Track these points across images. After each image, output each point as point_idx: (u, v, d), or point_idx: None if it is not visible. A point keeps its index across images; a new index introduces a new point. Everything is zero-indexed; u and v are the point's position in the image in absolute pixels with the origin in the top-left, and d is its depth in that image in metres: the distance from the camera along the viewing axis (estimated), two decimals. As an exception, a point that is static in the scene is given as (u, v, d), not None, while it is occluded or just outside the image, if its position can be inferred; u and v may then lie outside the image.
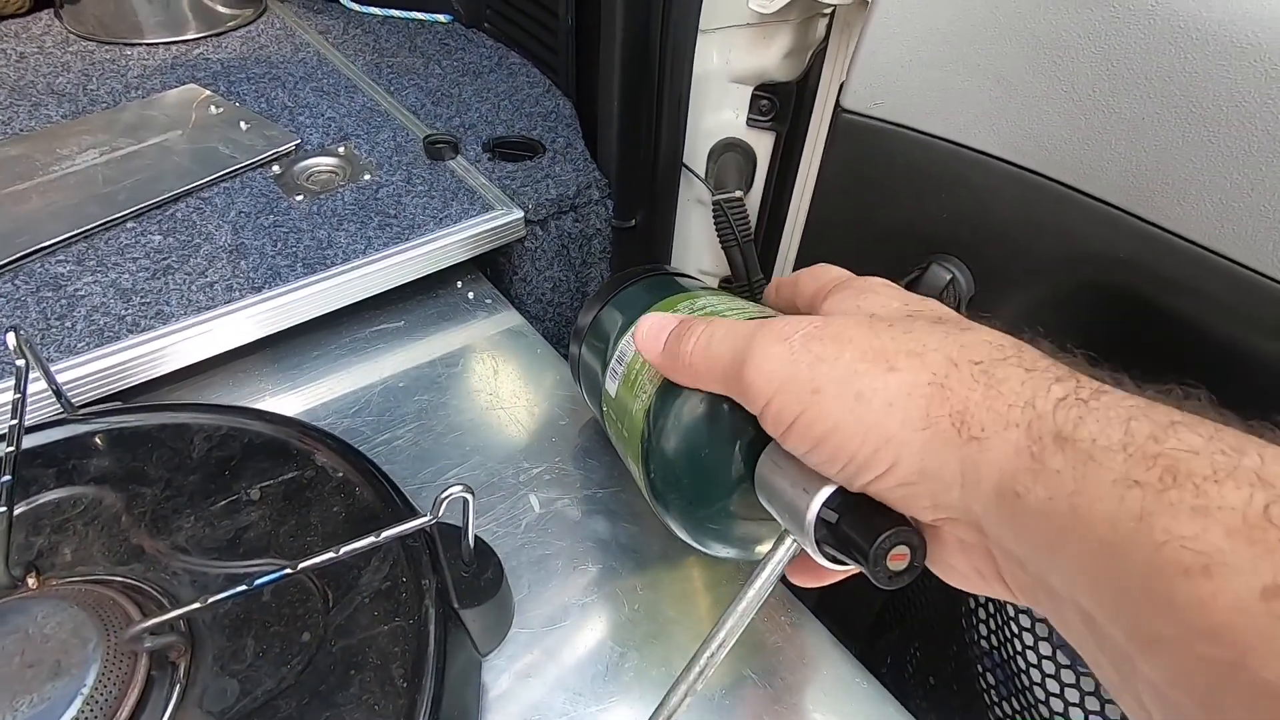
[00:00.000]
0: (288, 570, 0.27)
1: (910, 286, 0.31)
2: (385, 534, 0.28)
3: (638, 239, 0.62)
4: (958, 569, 0.21)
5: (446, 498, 0.28)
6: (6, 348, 0.40)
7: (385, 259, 0.49)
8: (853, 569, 0.25)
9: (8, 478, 0.30)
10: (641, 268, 0.41)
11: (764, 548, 0.29)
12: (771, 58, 0.53)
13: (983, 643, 0.35)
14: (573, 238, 0.59)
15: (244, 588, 0.26)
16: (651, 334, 0.26)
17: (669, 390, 0.27)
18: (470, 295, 0.55)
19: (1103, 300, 0.28)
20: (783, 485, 0.24)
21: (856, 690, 0.34)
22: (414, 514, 0.33)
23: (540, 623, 0.36)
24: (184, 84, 0.66)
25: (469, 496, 0.29)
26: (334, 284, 0.47)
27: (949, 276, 0.30)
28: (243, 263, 0.47)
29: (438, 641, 0.28)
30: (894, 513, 0.21)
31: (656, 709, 0.24)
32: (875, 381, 0.20)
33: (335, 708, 0.27)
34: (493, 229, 0.53)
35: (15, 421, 0.32)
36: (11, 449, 0.31)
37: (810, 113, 0.53)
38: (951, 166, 0.29)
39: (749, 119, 0.56)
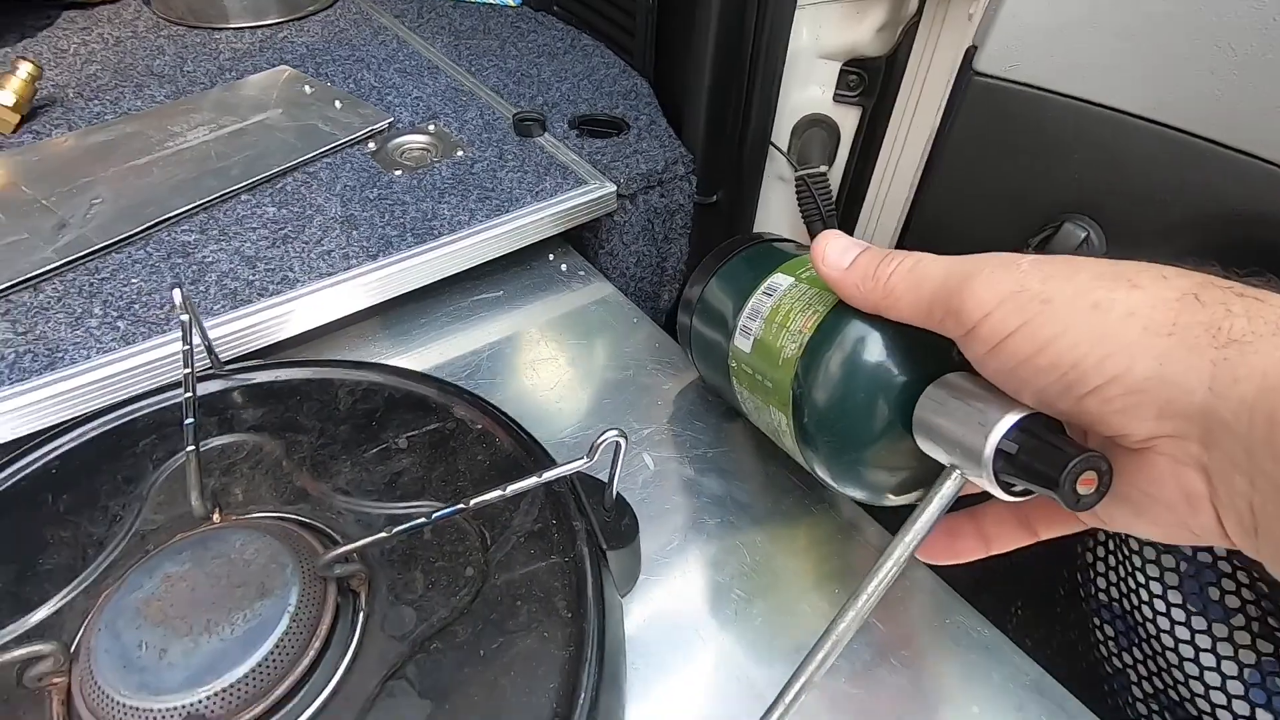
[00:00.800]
0: (461, 506, 0.28)
1: (1042, 245, 0.32)
2: (546, 475, 0.29)
3: (719, 215, 0.63)
4: (1160, 497, 0.21)
5: (602, 442, 0.30)
6: (165, 308, 0.42)
7: (488, 230, 0.51)
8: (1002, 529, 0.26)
9: (190, 420, 0.32)
10: (755, 235, 0.42)
11: (906, 497, 0.30)
12: (863, 33, 0.53)
13: (1101, 595, 0.36)
14: (658, 213, 0.60)
15: (423, 520, 0.28)
16: (836, 251, 0.27)
17: (826, 336, 0.28)
18: (563, 267, 0.56)
19: (1244, 255, 0.28)
20: (948, 424, 0.25)
21: (977, 638, 0.35)
22: (552, 462, 0.35)
23: (666, 570, 0.37)
24: (274, 65, 0.68)
25: (622, 441, 0.30)
26: (442, 253, 0.49)
27: (1083, 234, 0.31)
28: (355, 233, 0.49)
29: (594, 577, 0.30)
30: (1070, 440, 0.22)
31: (824, 634, 0.26)
32: (1115, 294, 0.20)
33: (508, 634, 0.28)
34: (588, 202, 0.54)
35: (188, 370, 0.34)
36: (189, 394, 0.33)
37: (899, 87, 0.53)
38: (1088, 126, 0.30)
39: (836, 94, 0.57)
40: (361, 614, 0.28)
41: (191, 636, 0.25)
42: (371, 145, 0.59)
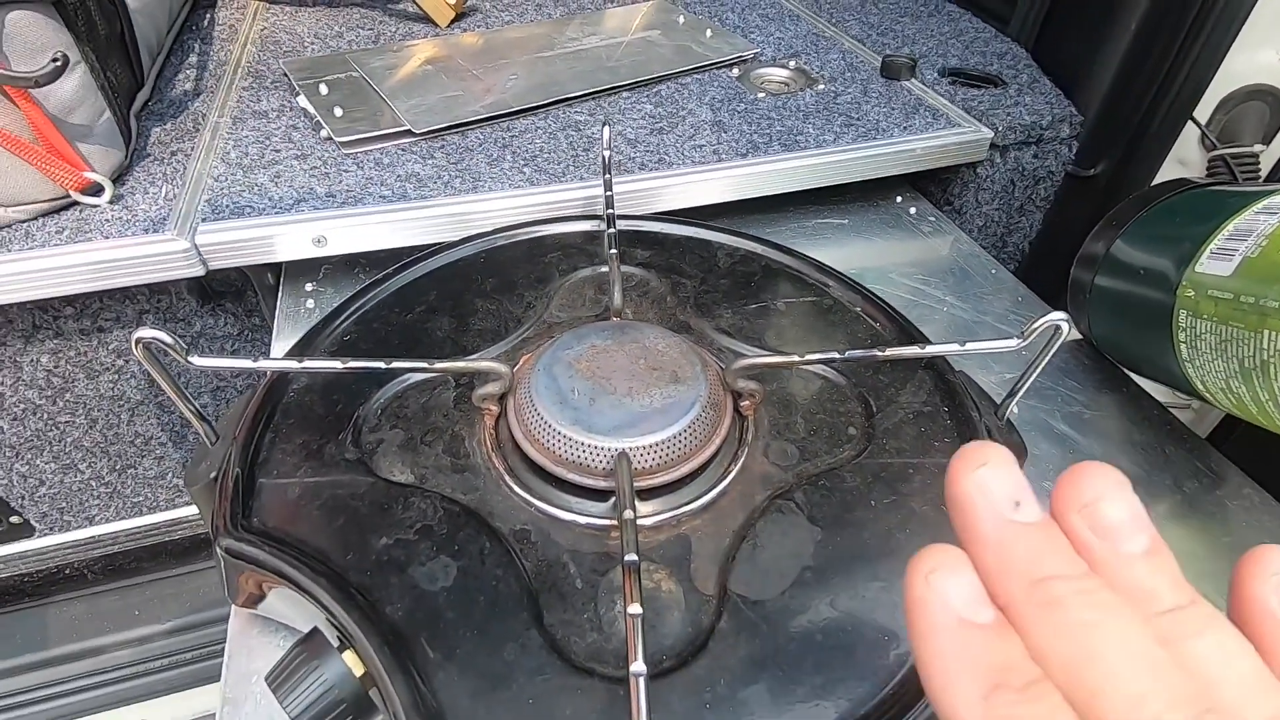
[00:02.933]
0: (876, 352, 0.27)
1: None
2: (970, 345, 0.27)
3: (1092, 191, 0.56)
4: None
5: (1039, 326, 0.27)
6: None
7: (853, 151, 0.49)
8: None
9: (613, 229, 0.34)
10: (1181, 180, 0.37)
11: None
12: (1371, -17, 0.44)
13: None
14: (1024, 175, 0.55)
15: (835, 355, 0.27)
16: None
17: None
18: (912, 210, 0.53)
19: None
20: None
21: None
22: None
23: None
24: None
25: (1064, 326, 0.27)
26: (807, 164, 0.48)
27: None
28: (724, 135, 0.51)
29: (999, 470, 0.27)
30: None
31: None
32: None
33: (900, 495, 0.26)
34: (958, 144, 0.51)
35: (608, 193, 0.36)
36: (610, 210, 0.35)
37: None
38: None
39: (1301, 61, 0.47)
40: (750, 435, 0.28)
41: (616, 396, 0.26)
42: (735, 71, 0.60)
